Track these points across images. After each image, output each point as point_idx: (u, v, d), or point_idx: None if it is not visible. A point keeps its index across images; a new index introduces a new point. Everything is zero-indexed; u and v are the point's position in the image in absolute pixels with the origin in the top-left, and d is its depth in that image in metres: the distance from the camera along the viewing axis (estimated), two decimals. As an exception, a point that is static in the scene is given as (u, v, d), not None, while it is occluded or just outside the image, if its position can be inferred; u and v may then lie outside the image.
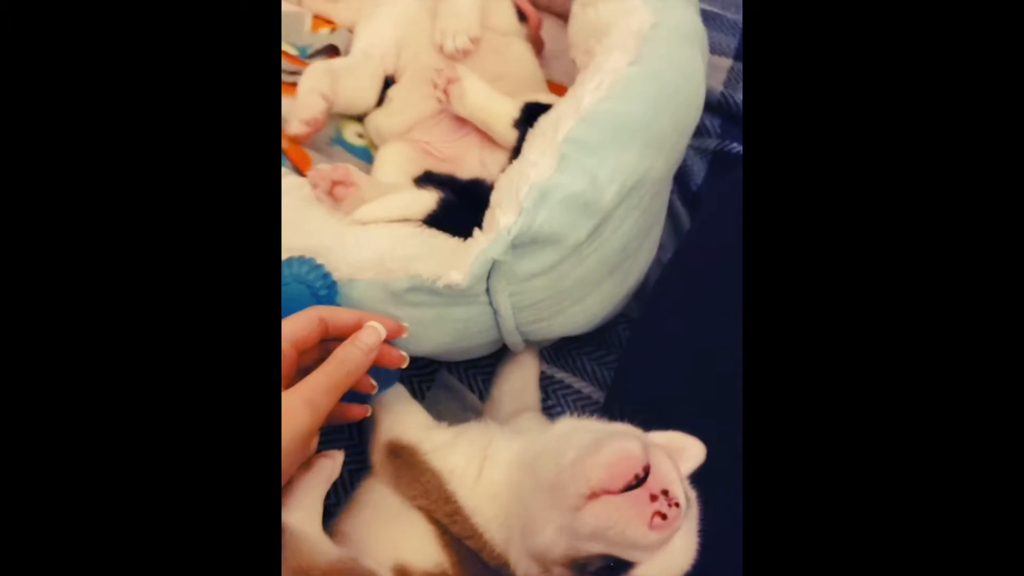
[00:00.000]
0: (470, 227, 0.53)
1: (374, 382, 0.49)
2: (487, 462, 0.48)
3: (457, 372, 0.69)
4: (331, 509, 0.52)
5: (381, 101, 0.75)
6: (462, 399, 0.67)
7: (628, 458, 0.39)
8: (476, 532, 0.46)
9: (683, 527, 0.40)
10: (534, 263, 0.52)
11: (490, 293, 0.54)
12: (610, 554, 0.39)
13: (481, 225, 0.53)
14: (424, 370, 0.68)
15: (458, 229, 0.55)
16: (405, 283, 0.52)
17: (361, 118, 0.76)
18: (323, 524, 0.49)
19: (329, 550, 0.46)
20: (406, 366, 0.51)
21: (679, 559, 0.41)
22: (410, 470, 0.50)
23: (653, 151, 0.54)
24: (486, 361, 0.68)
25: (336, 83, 0.70)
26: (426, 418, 0.54)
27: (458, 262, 0.51)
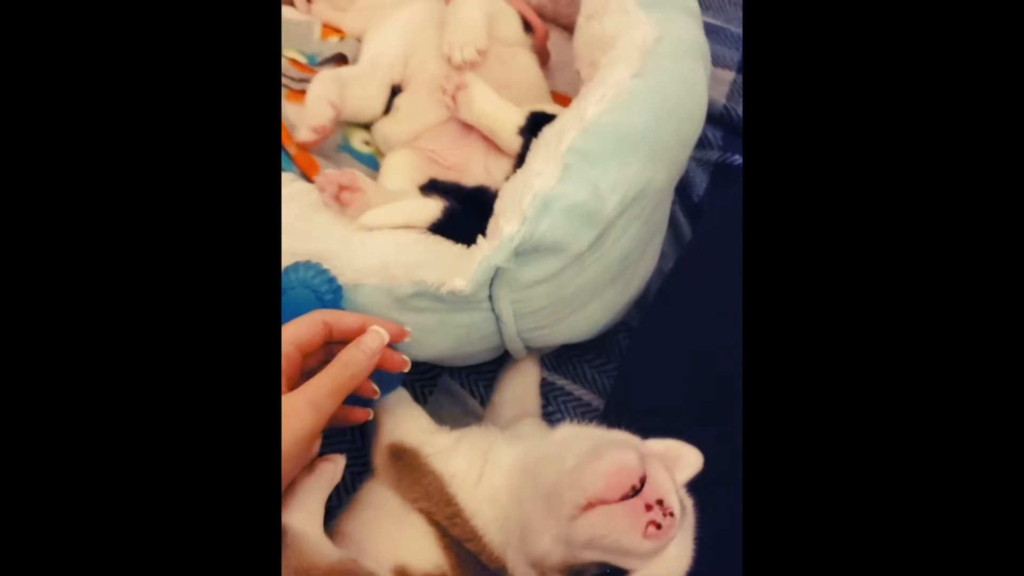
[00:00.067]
0: (474, 234, 0.53)
1: (376, 386, 0.50)
2: (488, 466, 0.48)
3: (459, 377, 0.69)
4: (333, 511, 0.52)
5: (388, 109, 0.75)
6: (464, 404, 0.67)
7: (625, 469, 0.39)
8: (476, 535, 0.46)
9: (678, 535, 0.40)
10: (536, 271, 0.53)
11: (493, 300, 0.54)
12: (605, 562, 0.39)
13: (485, 232, 0.53)
14: (426, 375, 0.69)
15: (462, 236, 0.56)
16: (409, 289, 0.53)
17: (368, 126, 0.77)
18: (324, 525, 0.49)
19: (330, 551, 0.46)
20: (408, 371, 0.51)
21: (674, 566, 0.41)
22: (412, 473, 0.50)
23: (655, 162, 0.55)
24: (488, 367, 0.68)
25: (344, 91, 0.70)
26: (428, 422, 0.54)
27: (462, 269, 0.51)
